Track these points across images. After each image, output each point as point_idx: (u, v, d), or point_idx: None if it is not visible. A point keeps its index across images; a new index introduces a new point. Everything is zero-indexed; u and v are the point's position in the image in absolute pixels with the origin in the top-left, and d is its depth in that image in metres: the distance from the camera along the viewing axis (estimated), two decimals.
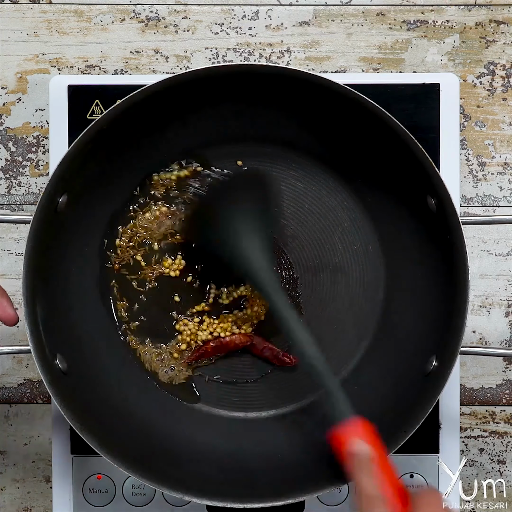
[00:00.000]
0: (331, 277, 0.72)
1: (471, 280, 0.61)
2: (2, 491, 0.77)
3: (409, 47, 0.77)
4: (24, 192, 0.77)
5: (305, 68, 0.75)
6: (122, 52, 0.77)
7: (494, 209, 0.77)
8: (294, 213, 0.72)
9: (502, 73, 0.77)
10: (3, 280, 0.76)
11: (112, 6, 0.77)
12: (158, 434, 0.69)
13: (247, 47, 0.77)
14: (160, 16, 0.77)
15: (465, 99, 0.76)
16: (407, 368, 0.67)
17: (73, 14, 0.77)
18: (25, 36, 0.77)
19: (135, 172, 0.70)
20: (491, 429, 0.77)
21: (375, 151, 0.67)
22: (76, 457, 0.72)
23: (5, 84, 0.77)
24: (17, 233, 0.77)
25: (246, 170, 0.71)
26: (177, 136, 0.69)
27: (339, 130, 0.68)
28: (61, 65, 0.76)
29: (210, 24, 0.77)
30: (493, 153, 0.77)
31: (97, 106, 0.72)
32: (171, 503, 0.72)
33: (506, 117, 0.77)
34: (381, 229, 0.71)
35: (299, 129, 0.70)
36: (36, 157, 0.77)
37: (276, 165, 0.72)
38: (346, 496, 0.73)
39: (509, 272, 0.77)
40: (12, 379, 0.77)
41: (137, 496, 0.72)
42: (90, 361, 0.69)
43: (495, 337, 0.76)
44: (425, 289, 0.68)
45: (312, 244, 0.72)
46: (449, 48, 0.77)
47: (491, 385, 0.77)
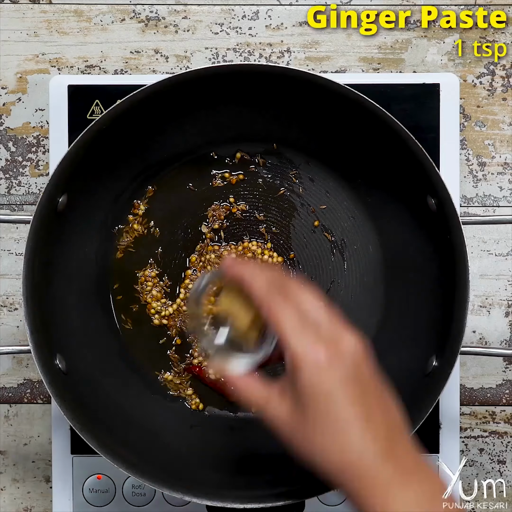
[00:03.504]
0: (330, 277, 0.72)
1: (471, 280, 0.61)
2: (2, 491, 0.77)
3: (409, 47, 0.76)
4: (24, 192, 0.77)
5: (305, 68, 0.75)
6: (122, 52, 0.77)
7: (494, 209, 0.77)
8: (294, 213, 0.72)
9: (502, 73, 0.77)
10: (3, 280, 0.76)
11: (112, 6, 0.77)
12: (158, 434, 0.69)
13: (247, 47, 0.77)
14: (160, 16, 0.77)
15: (465, 99, 0.76)
16: (407, 368, 0.67)
17: (73, 14, 0.77)
18: (25, 36, 0.77)
19: (135, 172, 0.70)
20: (491, 429, 0.77)
21: (375, 151, 0.67)
22: (76, 457, 0.72)
23: (5, 84, 0.77)
24: (17, 233, 0.77)
25: None
26: (177, 135, 0.69)
27: (339, 130, 0.68)
28: (61, 65, 0.76)
29: (210, 24, 0.77)
30: (493, 153, 0.77)
31: (97, 106, 0.72)
32: (171, 503, 0.72)
33: (506, 117, 0.77)
34: (381, 229, 0.71)
35: (299, 129, 0.70)
36: (36, 157, 0.77)
37: (276, 165, 0.72)
38: None
39: (509, 272, 0.77)
40: (12, 379, 0.77)
41: (137, 496, 0.72)
42: (90, 361, 0.69)
43: (495, 337, 0.76)
44: (425, 289, 0.68)
45: (312, 245, 0.72)
46: (449, 48, 0.76)
47: (491, 385, 0.77)
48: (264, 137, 0.71)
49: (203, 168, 0.72)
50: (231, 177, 0.72)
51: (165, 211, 0.72)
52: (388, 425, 0.51)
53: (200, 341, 0.61)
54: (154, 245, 0.72)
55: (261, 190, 0.72)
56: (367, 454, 0.50)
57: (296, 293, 0.54)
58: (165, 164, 0.71)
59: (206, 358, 0.69)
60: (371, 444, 0.50)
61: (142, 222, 0.72)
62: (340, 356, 0.51)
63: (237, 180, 0.72)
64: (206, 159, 0.72)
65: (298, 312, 0.52)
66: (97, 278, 0.71)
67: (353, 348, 0.52)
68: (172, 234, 0.72)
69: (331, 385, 0.51)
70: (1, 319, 0.76)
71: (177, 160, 0.71)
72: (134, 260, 0.72)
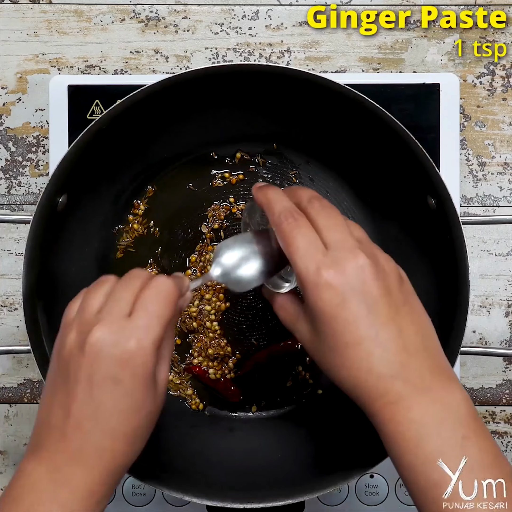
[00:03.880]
0: None
1: (471, 280, 0.61)
2: (2, 491, 0.77)
3: (409, 47, 0.77)
4: (24, 192, 0.77)
5: (305, 68, 0.75)
6: (122, 52, 0.77)
7: (494, 209, 0.77)
8: None
9: (502, 73, 0.77)
10: (3, 280, 0.76)
11: (112, 6, 0.77)
12: (158, 434, 0.69)
13: (247, 47, 0.77)
14: (160, 16, 0.77)
15: (465, 99, 0.76)
16: None
17: (73, 14, 0.77)
18: (25, 36, 0.77)
19: (135, 172, 0.70)
20: (491, 429, 0.77)
21: (375, 151, 0.67)
22: None
23: (5, 84, 0.77)
24: (17, 233, 0.77)
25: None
26: (177, 136, 0.69)
27: (339, 130, 0.68)
28: (61, 65, 0.76)
29: (210, 24, 0.77)
30: (493, 153, 0.77)
31: (97, 106, 0.72)
32: (171, 503, 0.72)
33: (506, 117, 0.77)
34: (381, 229, 0.71)
35: (299, 129, 0.70)
36: (36, 157, 0.77)
37: (276, 165, 0.72)
38: (346, 496, 0.73)
39: (509, 272, 0.77)
40: (12, 379, 0.77)
41: (137, 496, 0.72)
42: None
43: (495, 337, 0.76)
44: (425, 289, 0.67)
45: None
46: (449, 48, 0.76)
47: (491, 385, 0.77)
48: (264, 137, 0.71)
49: (203, 168, 0.72)
50: (231, 177, 0.72)
51: (165, 211, 0.72)
52: (403, 341, 0.51)
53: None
54: (154, 245, 0.72)
55: None
56: (375, 372, 0.50)
57: (316, 213, 0.53)
58: (165, 164, 0.71)
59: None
60: (378, 363, 0.50)
61: (142, 222, 0.72)
62: (343, 277, 0.50)
63: (237, 180, 0.72)
64: (206, 159, 0.72)
65: (310, 234, 0.52)
66: (97, 278, 0.70)
67: (358, 268, 0.51)
68: (172, 234, 0.72)
69: (333, 307, 0.50)
70: (1, 319, 0.76)
71: (177, 160, 0.71)
72: (134, 260, 0.72)
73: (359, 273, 0.51)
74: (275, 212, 0.54)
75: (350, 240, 0.52)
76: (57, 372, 0.50)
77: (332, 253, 0.51)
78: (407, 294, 0.53)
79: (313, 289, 0.51)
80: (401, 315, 0.52)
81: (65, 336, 0.50)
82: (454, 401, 0.50)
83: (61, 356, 0.50)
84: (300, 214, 0.53)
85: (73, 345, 0.49)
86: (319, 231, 0.52)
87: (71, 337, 0.50)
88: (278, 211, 0.54)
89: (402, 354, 0.50)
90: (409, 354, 0.51)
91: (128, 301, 0.50)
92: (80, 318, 0.50)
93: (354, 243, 0.52)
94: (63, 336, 0.51)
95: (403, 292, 0.53)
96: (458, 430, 0.49)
